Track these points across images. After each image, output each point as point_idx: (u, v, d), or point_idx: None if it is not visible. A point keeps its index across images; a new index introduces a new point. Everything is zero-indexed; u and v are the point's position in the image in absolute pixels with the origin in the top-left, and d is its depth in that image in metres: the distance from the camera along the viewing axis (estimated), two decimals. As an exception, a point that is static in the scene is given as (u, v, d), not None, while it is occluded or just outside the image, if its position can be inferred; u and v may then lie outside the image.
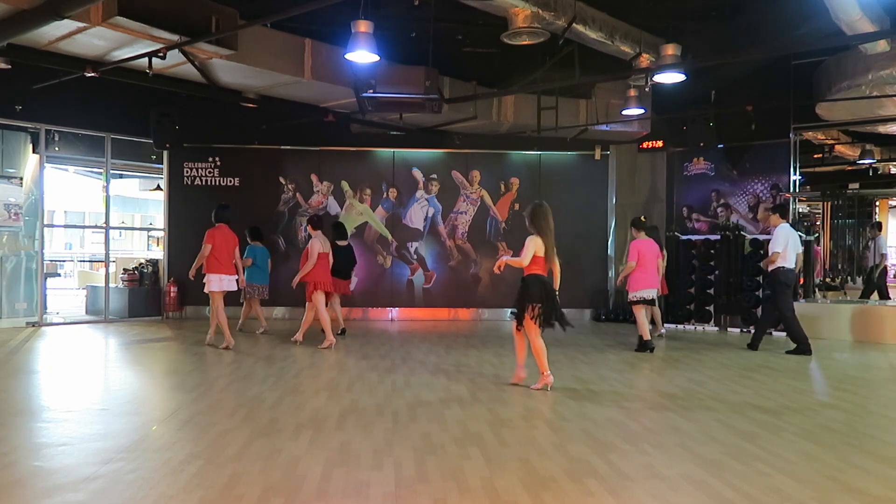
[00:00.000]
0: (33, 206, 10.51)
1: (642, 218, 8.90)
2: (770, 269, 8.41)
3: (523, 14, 7.19)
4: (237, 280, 8.45)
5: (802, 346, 8.23)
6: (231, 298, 8.96)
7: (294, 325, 10.03)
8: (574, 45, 8.19)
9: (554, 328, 6.03)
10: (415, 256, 12.05)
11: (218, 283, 8.20)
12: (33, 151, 10.52)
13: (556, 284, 6.12)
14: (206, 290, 8.26)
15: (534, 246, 5.94)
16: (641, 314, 8.43)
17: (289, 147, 11.86)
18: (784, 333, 10.06)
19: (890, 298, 11.67)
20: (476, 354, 8.07)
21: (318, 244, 8.58)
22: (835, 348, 8.90)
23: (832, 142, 13.28)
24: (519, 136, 11.49)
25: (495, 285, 12.03)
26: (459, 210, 12.08)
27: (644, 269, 8.36)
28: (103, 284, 11.28)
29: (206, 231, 8.33)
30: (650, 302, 8.61)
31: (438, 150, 12.02)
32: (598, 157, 12.15)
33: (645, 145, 11.58)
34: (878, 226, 12.53)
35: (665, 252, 9.83)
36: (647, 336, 8.34)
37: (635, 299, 8.43)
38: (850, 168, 14.79)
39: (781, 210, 8.84)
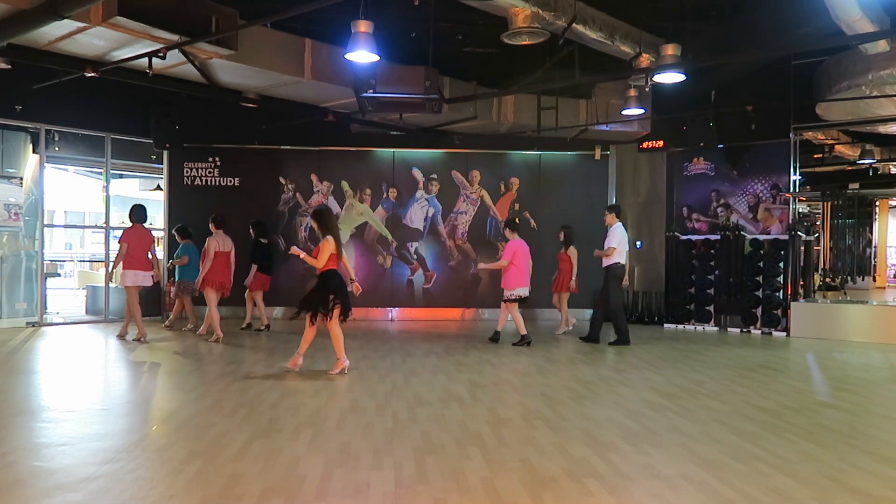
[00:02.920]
0: (33, 206, 10.51)
1: (517, 220, 9.46)
2: (606, 264, 8.92)
3: (523, 14, 7.19)
4: (153, 275, 8.99)
5: (623, 338, 8.85)
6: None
7: (292, 325, 10.03)
8: (574, 45, 8.18)
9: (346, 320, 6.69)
10: (415, 256, 12.04)
11: (133, 278, 8.73)
12: (33, 151, 10.51)
13: (352, 275, 6.88)
14: (121, 285, 8.92)
15: (329, 247, 6.51)
16: (515, 311, 8.88)
17: (289, 147, 11.86)
18: (784, 333, 10.10)
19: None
20: (476, 354, 8.07)
21: (215, 243, 8.93)
22: (835, 348, 8.89)
23: (832, 142, 13.28)
24: (519, 136, 11.48)
25: (495, 285, 12.00)
26: (459, 210, 12.07)
27: (517, 268, 8.80)
28: (103, 284, 11.27)
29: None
30: (524, 300, 8.97)
31: (438, 150, 12.02)
32: (598, 157, 12.14)
33: (645, 145, 11.56)
34: None
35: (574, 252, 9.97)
36: (523, 331, 8.80)
37: (512, 297, 8.85)
38: (850, 168, 14.80)
39: (616, 210, 9.21)
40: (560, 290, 10.09)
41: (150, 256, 8.97)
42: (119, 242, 8.89)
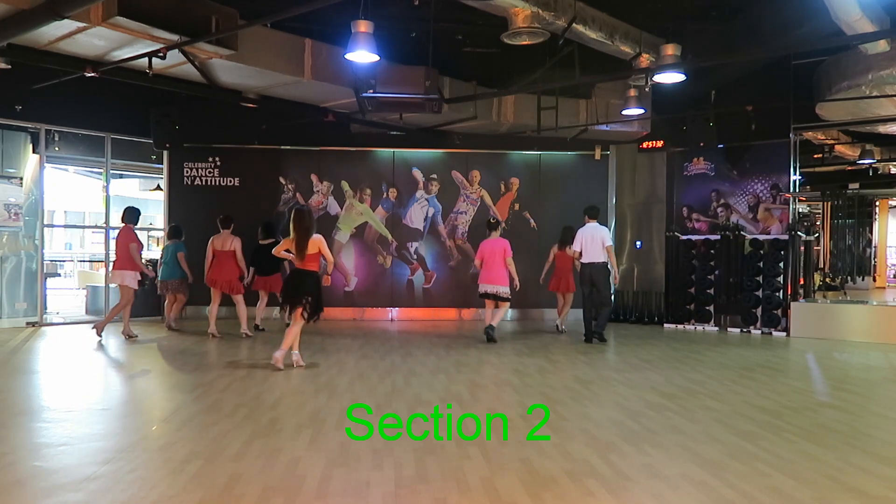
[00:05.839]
0: (33, 206, 10.51)
1: (490, 220, 9.65)
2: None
3: (523, 14, 7.19)
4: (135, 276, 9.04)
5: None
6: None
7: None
8: (574, 45, 8.18)
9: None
10: (415, 256, 12.04)
11: (118, 277, 9.02)
12: (33, 151, 10.51)
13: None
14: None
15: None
16: (487, 306, 9.27)
17: (289, 147, 11.86)
18: (784, 333, 10.09)
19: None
20: (476, 354, 8.07)
21: (212, 243, 9.28)
22: (835, 348, 8.89)
23: (832, 142, 13.28)
24: (519, 136, 11.48)
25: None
26: (459, 210, 12.07)
27: (484, 266, 9.14)
28: (103, 284, 11.27)
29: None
30: (492, 296, 9.13)
31: (438, 150, 12.01)
32: (598, 157, 12.14)
33: (645, 145, 11.56)
34: None
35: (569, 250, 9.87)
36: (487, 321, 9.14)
37: (480, 293, 9.24)
38: (850, 168, 14.80)
39: (590, 211, 9.43)
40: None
41: (133, 257, 8.95)
42: None
